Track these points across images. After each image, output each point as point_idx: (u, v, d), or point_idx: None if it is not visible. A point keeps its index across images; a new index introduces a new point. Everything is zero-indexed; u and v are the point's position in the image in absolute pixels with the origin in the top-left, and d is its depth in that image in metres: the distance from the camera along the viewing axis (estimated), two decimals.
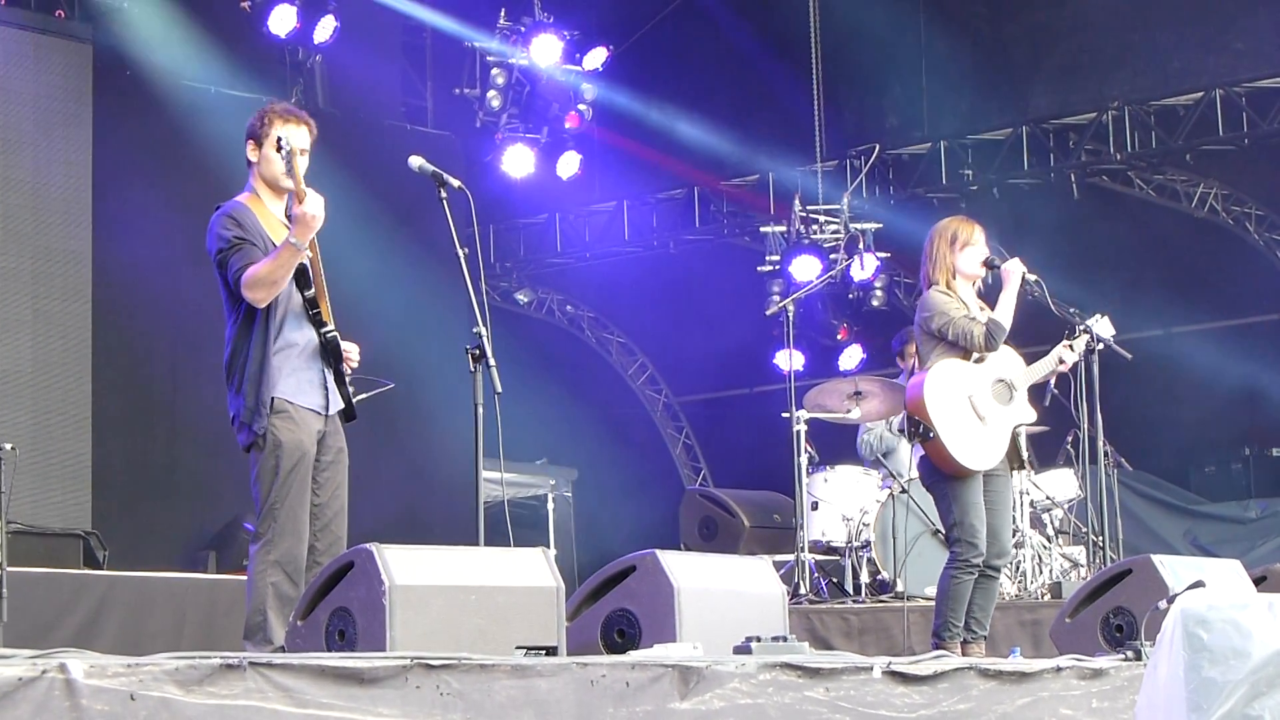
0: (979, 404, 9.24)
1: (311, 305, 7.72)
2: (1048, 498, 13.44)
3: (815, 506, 13.75)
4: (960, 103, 18.27)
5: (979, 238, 9.36)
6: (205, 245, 7.74)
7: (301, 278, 7.69)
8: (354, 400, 7.86)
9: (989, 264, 9.41)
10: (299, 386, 7.68)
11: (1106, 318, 10.23)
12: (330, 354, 7.76)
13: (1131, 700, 7.01)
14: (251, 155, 7.81)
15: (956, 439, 9.15)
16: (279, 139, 7.66)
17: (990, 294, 9.64)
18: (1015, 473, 9.90)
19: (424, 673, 5.26)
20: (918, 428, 9.26)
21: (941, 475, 9.27)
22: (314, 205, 7.50)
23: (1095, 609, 8.64)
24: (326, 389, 7.77)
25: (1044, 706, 6.84)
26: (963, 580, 9.14)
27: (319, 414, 7.74)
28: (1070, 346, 9.76)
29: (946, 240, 9.34)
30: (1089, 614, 8.66)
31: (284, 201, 7.81)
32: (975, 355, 9.28)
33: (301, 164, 7.73)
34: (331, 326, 7.77)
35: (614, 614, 7.26)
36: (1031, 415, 9.52)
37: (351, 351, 7.89)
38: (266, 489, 7.58)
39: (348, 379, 7.83)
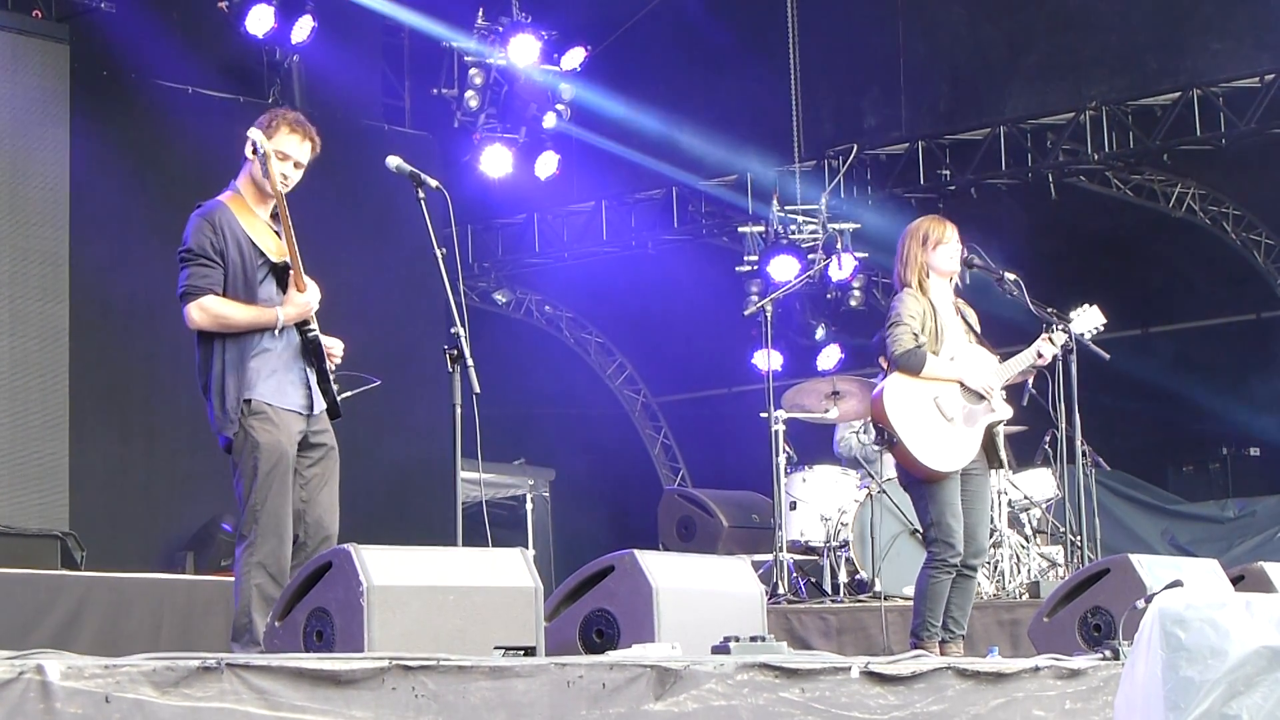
0: (945, 405, 9.25)
1: None
2: (1026, 497, 13.45)
3: (793, 506, 13.76)
4: (938, 103, 18.28)
5: (951, 236, 9.37)
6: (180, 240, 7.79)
7: (282, 278, 7.72)
8: (339, 397, 7.87)
9: (968, 262, 9.43)
10: (279, 388, 7.69)
11: (1095, 307, 10.22)
12: (312, 353, 7.77)
13: (1107, 700, 7.03)
14: (248, 153, 7.80)
15: (921, 443, 9.17)
16: (254, 143, 7.67)
17: (968, 293, 9.65)
18: (994, 472, 9.91)
19: (401, 674, 5.25)
20: (882, 434, 9.31)
21: (916, 476, 9.29)
22: (313, 296, 7.71)
23: (1073, 608, 8.65)
24: (309, 388, 7.78)
25: (1017, 707, 6.85)
26: (940, 580, 9.17)
27: (301, 414, 7.75)
28: (1050, 340, 9.76)
29: (918, 240, 9.36)
30: (1067, 613, 8.67)
31: (269, 206, 7.82)
32: (946, 355, 9.30)
33: (295, 176, 7.78)
34: (314, 326, 7.78)
35: (592, 614, 7.25)
36: (1008, 412, 9.53)
37: (335, 348, 7.92)
38: (247, 490, 7.60)
39: (332, 376, 7.84)
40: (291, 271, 7.68)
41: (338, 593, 6.20)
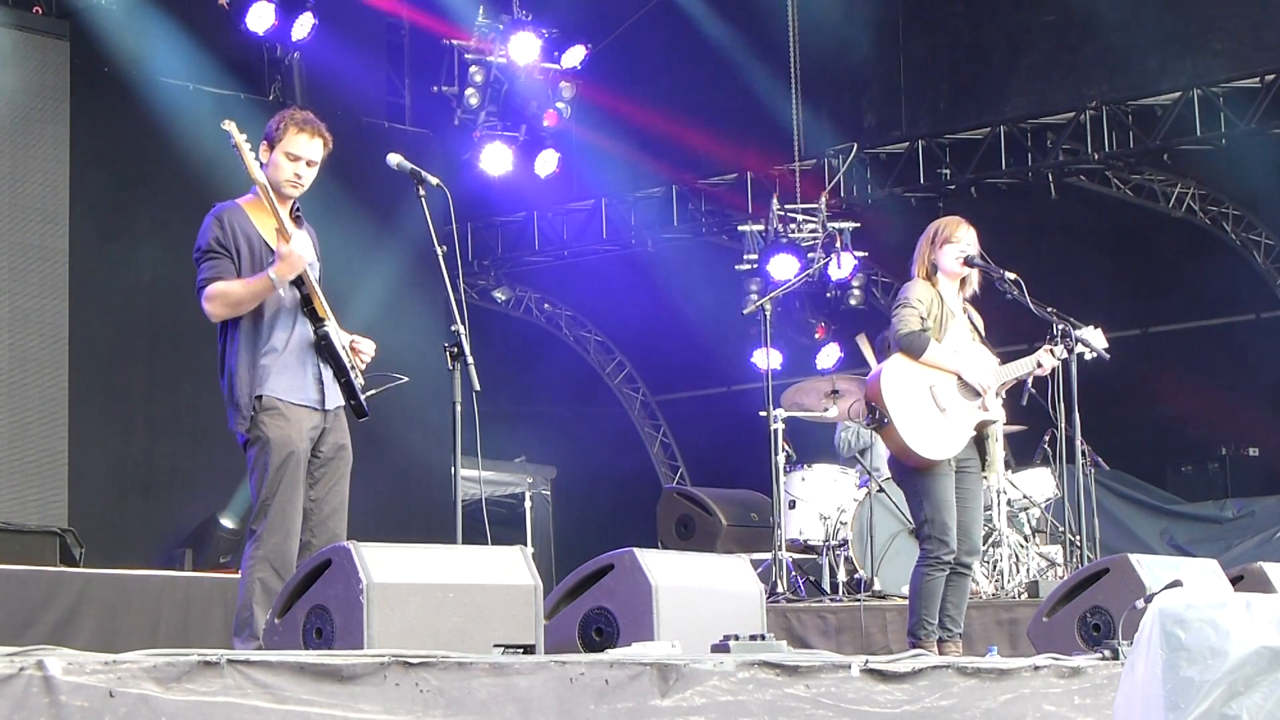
0: (940, 395, 9.25)
1: (305, 302, 7.73)
2: (1025, 497, 13.45)
3: (793, 505, 13.76)
4: (938, 102, 18.27)
5: (962, 235, 9.37)
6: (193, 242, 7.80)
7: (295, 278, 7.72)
8: (363, 395, 7.87)
9: (969, 261, 9.42)
10: (289, 383, 7.68)
11: (1099, 330, 10.19)
12: (325, 351, 7.76)
13: (1113, 698, 7.02)
14: (263, 156, 7.81)
15: (911, 426, 9.17)
16: (229, 134, 7.68)
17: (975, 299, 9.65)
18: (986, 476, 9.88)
19: (402, 670, 5.25)
20: (874, 414, 9.32)
21: (910, 470, 9.29)
22: (299, 245, 7.60)
23: (1072, 608, 8.64)
24: (322, 384, 7.77)
25: (1026, 703, 6.84)
26: (934, 577, 9.16)
27: (314, 409, 7.74)
28: (1051, 352, 9.76)
29: (929, 237, 9.41)
30: (1066, 613, 8.67)
31: (286, 207, 7.80)
32: (948, 347, 9.31)
33: (308, 175, 7.79)
34: (328, 322, 7.76)
35: (592, 612, 7.25)
36: (1000, 415, 9.53)
37: (365, 348, 7.92)
38: (259, 485, 7.62)
39: (354, 374, 7.82)
40: (276, 229, 7.65)
41: (337, 590, 6.20)
